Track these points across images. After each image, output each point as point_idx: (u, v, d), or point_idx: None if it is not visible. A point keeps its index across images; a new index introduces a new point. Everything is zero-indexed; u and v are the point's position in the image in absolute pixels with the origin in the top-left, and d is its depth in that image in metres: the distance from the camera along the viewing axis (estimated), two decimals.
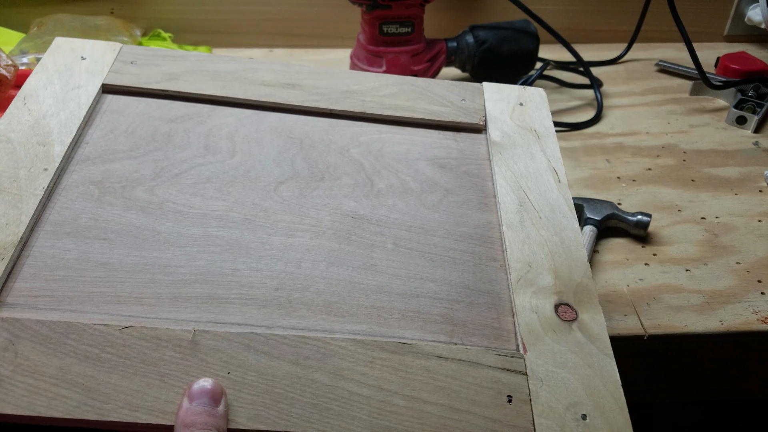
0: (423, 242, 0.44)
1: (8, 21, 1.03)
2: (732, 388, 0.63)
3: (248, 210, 0.43)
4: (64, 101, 0.47)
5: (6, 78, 0.83)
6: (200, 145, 0.47)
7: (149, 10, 1.04)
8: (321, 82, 0.52)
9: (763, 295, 0.60)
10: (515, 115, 0.52)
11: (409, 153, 0.49)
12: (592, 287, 0.41)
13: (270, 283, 0.40)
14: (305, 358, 0.36)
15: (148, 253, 0.40)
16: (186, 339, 0.35)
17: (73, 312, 0.36)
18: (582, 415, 0.35)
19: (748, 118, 0.87)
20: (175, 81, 0.50)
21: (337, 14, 1.05)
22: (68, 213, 0.41)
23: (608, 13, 1.08)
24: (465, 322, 0.39)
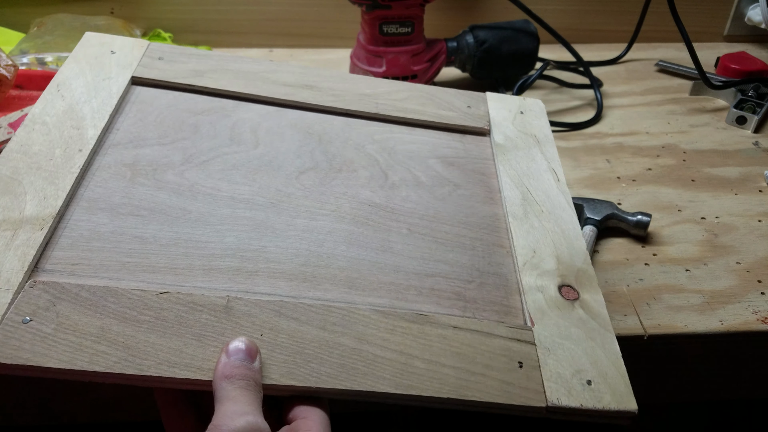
0: (435, 229, 0.47)
1: (8, 21, 1.03)
2: (732, 388, 0.63)
3: (273, 195, 0.46)
4: (96, 90, 0.49)
5: (6, 78, 0.83)
6: (225, 136, 0.50)
7: (149, 10, 1.04)
8: (338, 85, 0.56)
9: (763, 295, 0.60)
10: (516, 122, 0.56)
11: (419, 151, 0.53)
12: (591, 272, 0.45)
13: (295, 260, 0.42)
14: (332, 324, 0.38)
15: (180, 229, 0.42)
16: (220, 304, 0.38)
17: (110, 279, 0.38)
18: (587, 381, 0.38)
19: (748, 118, 0.87)
20: (200, 77, 0.53)
21: (337, 14, 1.05)
22: (102, 191, 0.43)
23: (608, 13, 1.08)
24: (476, 299, 0.43)
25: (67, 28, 0.97)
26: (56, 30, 0.97)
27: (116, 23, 1.00)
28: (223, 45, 1.07)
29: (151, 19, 1.04)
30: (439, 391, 0.36)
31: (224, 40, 1.06)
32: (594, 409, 0.37)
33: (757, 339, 0.58)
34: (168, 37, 1.04)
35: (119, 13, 1.04)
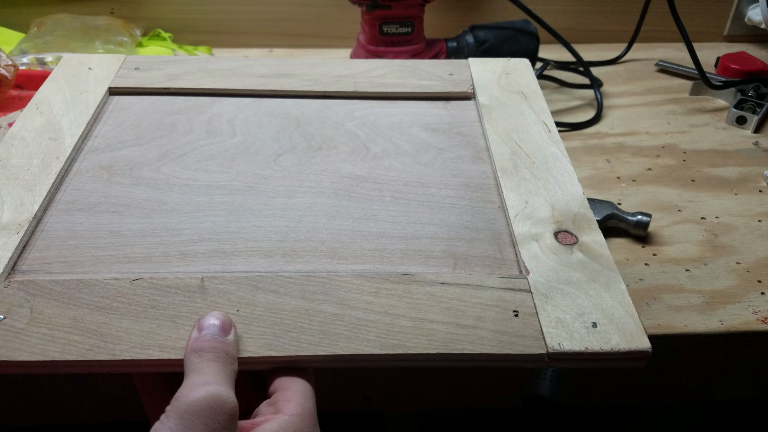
0: (420, 193, 0.46)
1: (8, 21, 1.03)
2: (732, 388, 0.63)
3: (250, 179, 0.46)
4: (73, 104, 0.51)
5: (6, 78, 0.83)
6: (202, 130, 0.50)
7: (149, 10, 1.04)
8: (314, 71, 0.55)
9: (763, 295, 0.60)
10: (502, 82, 0.54)
11: (402, 122, 0.52)
12: (590, 215, 0.43)
13: (274, 237, 0.42)
14: (312, 293, 0.38)
15: (156, 220, 0.43)
16: (194, 285, 0.37)
17: (86, 273, 0.39)
18: (592, 323, 0.36)
19: (748, 118, 0.87)
20: (176, 80, 0.54)
21: (337, 14, 1.05)
22: (79, 193, 0.44)
23: (608, 13, 1.08)
24: (467, 255, 0.41)
25: (67, 28, 0.97)
26: (56, 30, 0.97)
27: (116, 23, 1.00)
28: (223, 45, 1.07)
29: (151, 19, 1.05)
30: (427, 347, 0.35)
31: (224, 40, 1.06)
32: (601, 351, 0.35)
33: (757, 339, 0.58)
34: (168, 37, 1.04)
35: (119, 13, 1.04)
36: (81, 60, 0.55)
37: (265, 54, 1.06)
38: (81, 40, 0.96)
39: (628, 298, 0.38)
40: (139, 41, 1.02)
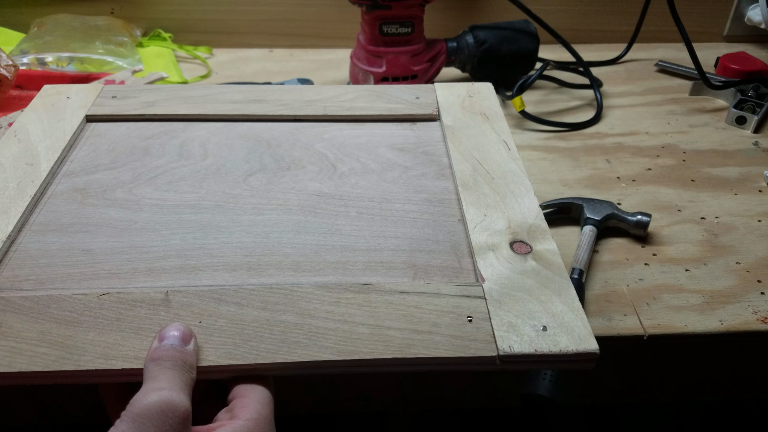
0: (384, 208, 0.47)
1: (8, 21, 1.03)
2: (732, 388, 0.63)
3: (219, 198, 0.48)
4: (50, 131, 0.53)
5: (6, 78, 0.83)
6: (174, 153, 0.52)
7: (149, 10, 1.04)
8: (285, 96, 0.57)
9: (762, 295, 0.60)
10: (465, 104, 0.57)
11: (369, 142, 0.53)
12: (545, 226, 0.45)
13: (240, 252, 0.43)
14: (273, 304, 0.39)
15: (126, 239, 0.44)
16: (159, 298, 0.39)
17: (55, 289, 0.40)
18: (542, 327, 0.38)
19: (747, 118, 0.87)
20: (151, 107, 0.55)
21: (337, 14, 1.05)
22: (53, 215, 0.46)
23: (608, 14, 1.08)
24: (427, 266, 0.42)
25: (68, 29, 0.97)
26: (56, 30, 0.97)
27: (116, 23, 1.00)
28: (223, 45, 1.07)
29: (151, 19, 1.05)
30: (383, 352, 0.36)
31: (224, 41, 1.07)
32: (550, 353, 0.36)
33: (757, 339, 0.58)
34: (168, 38, 1.04)
35: (119, 14, 1.04)
36: (59, 90, 0.57)
37: (265, 54, 1.06)
38: (81, 40, 0.96)
39: (578, 302, 0.39)
40: (139, 41, 1.02)
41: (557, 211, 0.69)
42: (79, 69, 0.93)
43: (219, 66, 1.01)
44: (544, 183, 0.75)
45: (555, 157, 0.80)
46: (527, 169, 0.77)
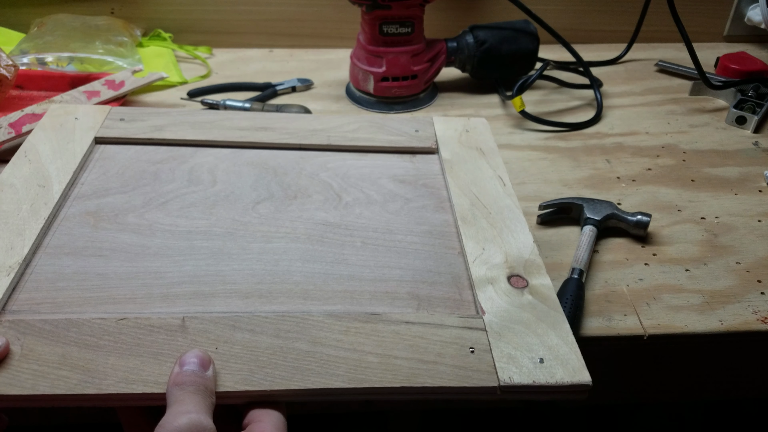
0: (388, 239, 0.49)
1: (8, 21, 1.03)
2: (732, 388, 0.63)
3: (229, 225, 0.49)
4: (60, 152, 0.53)
5: (6, 78, 0.83)
6: (184, 179, 0.53)
7: (149, 10, 1.04)
8: (290, 124, 0.59)
9: (762, 295, 0.60)
10: (462, 139, 0.59)
11: (372, 173, 0.55)
12: (539, 261, 0.47)
13: (251, 279, 0.44)
14: (286, 332, 0.40)
15: (140, 264, 0.45)
16: (176, 324, 0.40)
17: (73, 313, 0.41)
18: (539, 359, 0.40)
19: (747, 118, 0.87)
20: (160, 131, 0.56)
21: (337, 14, 1.05)
22: (67, 238, 0.46)
23: (608, 14, 1.08)
24: (430, 297, 0.44)
25: (68, 29, 0.97)
26: (56, 30, 0.97)
27: (116, 23, 1.00)
28: (223, 45, 1.07)
29: (151, 19, 1.05)
30: (392, 381, 0.38)
31: (224, 41, 1.07)
32: (547, 384, 0.38)
33: (757, 339, 0.58)
34: (168, 37, 1.04)
35: (119, 14, 1.04)
36: (67, 110, 0.58)
37: (265, 54, 1.06)
38: (81, 40, 0.96)
39: (572, 336, 0.41)
40: (139, 41, 1.02)
41: (557, 211, 0.69)
42: (79, 69, 0.93)
43: (219, 66, 1.02)
44: (544, 183, 0.75)
45: (555, 157, 0.80)
46: (527, 169, 0.78)
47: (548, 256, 0.64)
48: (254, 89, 0.94)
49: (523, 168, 0.78)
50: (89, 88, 0.84)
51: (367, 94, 0.91)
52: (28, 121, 0.78)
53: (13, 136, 0.77)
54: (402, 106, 0.91)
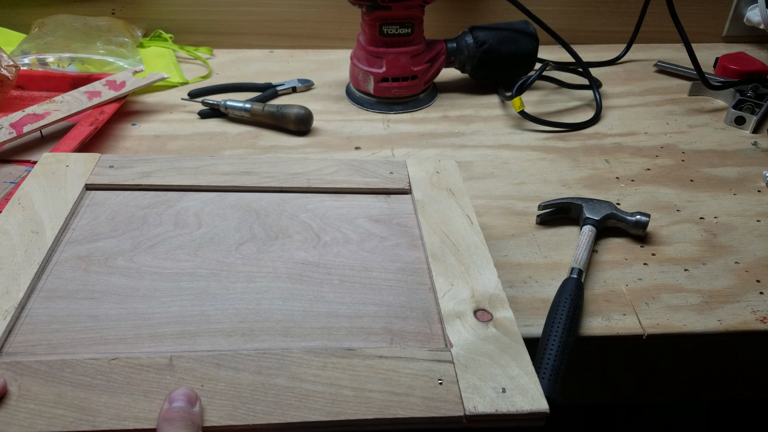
0: (364, 276, 0.52)
1: (9, 21, 1.04)
2: (731, 388, 0.63)
3: (213, 266, 0.51)
4: (53, 199, 0.56)
5: (7, 78, 0.84)
6: (171, 223, 0.55)
7: (150, 11, 1.04)
8: (272, 168, 0.62)
9: (761, 294, 0.60)
10: (433, 180, 0.63)
11: (349, 213, 0.58)
12: (503, 296, 0.50)
13: (234, 318, 0.47)
14: (267, 368, 0.43)
15: (129, 305, 0.47)
16: (164, 363, 0.42)
17: (67, 354, 0.43)
18: (502, 389, 0.42)
19: (746, 118, 0.87)
20: (147, 177, 0.59)
21: (338, 15, 1.05)
22: (59, 282, 0.49)
23: (607, 14, 1.09)
24: (402, 332, 0.47)
25: (69, 29, 0.97)
26: (57, 31, 0.97)
27: (117, 24, 1.01)
28: (223, 46, 1.07)
29: (152, 20, 1.05)
30: (366, 413, 0.40)
31: (225, 41, 1.07)
32: (508, 412, 0.41)
33: (756, 338, 0.58)
34: (169, 38, 1.05)
35: (120, 14, 1.04)
36: (59, 158, 0.61)
37: (265, 55, 1.06)
38: (82, 40, 0.96)
39: (531, 366, 0.44)
40: (140, 42, 1.03)
41: (556, 211, 0.69)
42: (81, 69, 0.94)
43: (219, 66, 1.02)
44: (543, 183, 0.76)
45: (554, 157, 0.81)
46: (526, 169, 0.78)
47: (547, 256, 0.64)
48: (255, 90, 0.95)
49: (522, 168, 0.78)
50: (90, 88, 0.84)
51: (367, 94, 0.91)
52: (30, 121, 0.79)
53: (14, 137, 0.77)
54: (402, 107, 0.91)
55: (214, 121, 0.88)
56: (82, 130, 0.77)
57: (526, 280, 0.61)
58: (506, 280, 0.62)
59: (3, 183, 0.73)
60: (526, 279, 0.62)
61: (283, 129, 0.86)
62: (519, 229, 0.68)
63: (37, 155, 0.77)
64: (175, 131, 0.85)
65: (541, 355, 0.53)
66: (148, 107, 0.90)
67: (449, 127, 0.87)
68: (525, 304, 0.59)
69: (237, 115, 0.87)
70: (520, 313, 0.58)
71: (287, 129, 0.85)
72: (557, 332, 0.53)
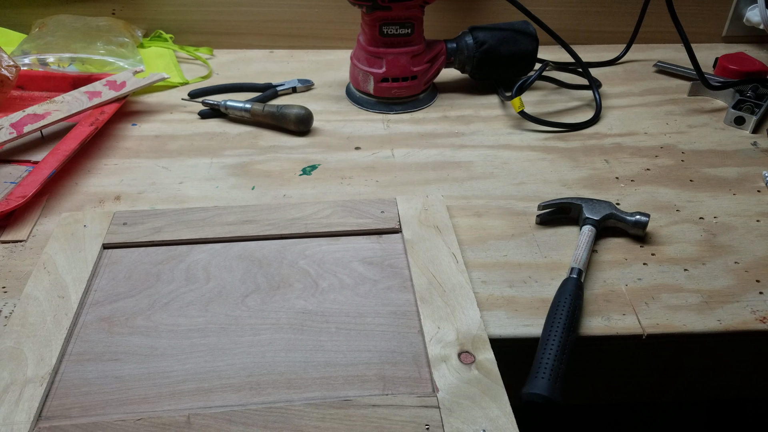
0: (359, 323, 0.56)
1: (10, 22, 1.04)
2: (731, 388, 0.63)
3: (222, 320, 0.56)
4: (74, 261, 0.61)
5: (8, 79, 0.84)
6: (182, 278, 0.60)
7: (150, 11, 1.04)
8: (271, 215, 0.67)
9: (761, 294, 0.61)
10: (422, 218, 0.67)
11: (344, 257, 0.63)
12: (484, 336, 0.54)
13: (242, 373, 0.52)
14: (273, 422, 0.48)
15: (150, 365, 0.52)
16: (182, 421, 0.48)
17: (97, 415, 0.48)
18: (483, 430, 0.47)
19: (746, 118, 0.87)
20: (158, 233, 0.65)
21: (338, 15, 1.05)
22: (87, 345, 0.54)
23: (607, 15, 1.09)
24: (393, 377, 0.51)
25: (69, 29, 0.98)
26: (57, 31, 0.97)
27: (117, 24, 1.01)
28: (223, 46, 1.07)
29: (152, 20, 1.05)
30: None
31: (225, 41, 1.07)
32: None
33: (756, 338, 0.58)
34: (169, 38, 1.05)
35: (120, 14, 1.04)
36: (76, 218, 0.66)
37: (265, 55, 1.06)
38: (82, 41, 0.96)
39: (509, 407, 0.48)
40: (140, 42, 1.03)
41: (556, 211, 0.69)
42: (81, 70, 0.94)
43: (220, 67, 1.02)
44: (543, 183, 0.76)
45: (554, 157, 0.81)
46: (526, 170, 0.78)
47: (547, 256, 0.65)
48: (255, 90, 0.95)
49: (522, 168, 0.78)
50: (91, 88, 0.84)
51: (367, 94, 0.91)
52: (30, 121, 0.79)
53: (15, 137, 0.77)
54: (402, 107, 0.91)
55: (214, 121, 0.88)
56: (82, 130, 0.77)
57: (526, 280, 0.62)
58: (506, 280, 0.62)
59: (3, 183, 0.73)
60: (526, 279, 0.62)
61: (283, 129, 0.86)
62: (519, 229, 0.68)
63: (38, 155, 0.77)
64: (176, 131, 0.85)
65: (540, 354, 0.53)
66: (149, 107, 0.90)
67: (449, 127, 0.87)
68: (524, 304, 0.59)
69: (237, 116, 0.87)
70: (519, 313, 0.58)
71: (287, 129, 0.86)
72: (557, 332, 0.54)
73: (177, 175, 0.77)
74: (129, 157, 0.80)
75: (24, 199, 0.67)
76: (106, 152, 0.80)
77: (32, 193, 0.68)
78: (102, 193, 0.73)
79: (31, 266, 0.63)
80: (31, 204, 0.70)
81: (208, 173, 0.77)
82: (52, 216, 0.69)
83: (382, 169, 0.79)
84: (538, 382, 0.51)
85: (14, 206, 0.66)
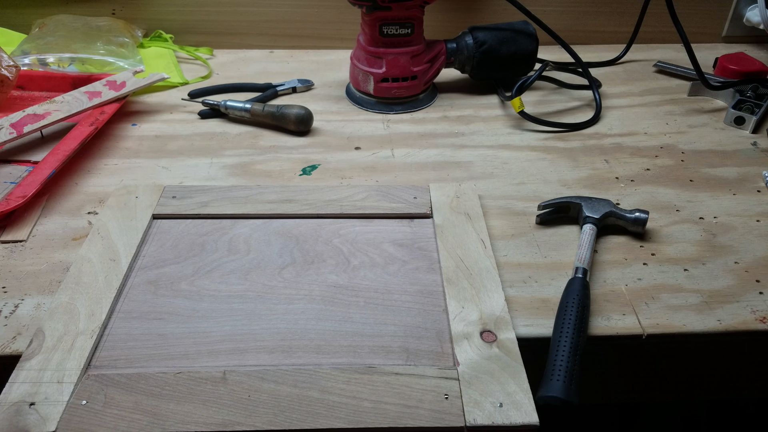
0: (387, 299, 0.58)
1: (10, 22, 1.04)
2: (731, 388, 0.63)
3: (259, 289, 0.59)
4: (126, 229, 0.65)
5: (8, 78, 0.84)
6: (225, 249, 0.64)
7: (150, 11, 1.04)
8: (310, 196, 0.70)
9: (761, 294, 0.61)
10: (453, 205, 0.69)
11: (375, 238, 0.65)
12: (507, 318, 0.55)
13: (276, 336, 0.54)
14: (302, 382, 0.50)
15: (191, 325, 0.55)
16: (218, 377, 0.50)
17: (141, 368, 0.52)
18: (500, 404, 0.48)
19: (746, 118, 0.87)
20: (205, 207, 0.68)
21: (338, 15, 1.05)
22: (134, 304, 0.57)
23: (607, 15, 1.09)
24: (417, 350, 0.53)
25: (69, 29, 0.98)
26: (58, 31, 0.97)
27: (117, 24, 1.01)
28: (223, 46, 1.07)
29: (152, 20, 1.05)
30: (382, 422, 0.47)
31: (225, 41, 1.07)
32: (503, 425, 0.47)
33: (756, 338, 0.58)
34: (169, 38, 1.05)
35: (120, 14, 1.04)
36: (129, 190, 0.70)
37: (265, 55, 1.06)
38: (82, 41, 0.96)
39: (527, 384, 0.49)
40: (140, 42, 1.03)
41: (556, 210, 0.69)
42: (81, 70, 0.94)
43: (220, 67, 1.02)
44: (543, 183, 0.76)
45: (554, 157, 0.81)
46: (526, 170, 0.78)
47: (547, 256, 0.65)
48: (255, 90, 0.95)
49: (522, 168, 0.78)
50: (91, 88, 0.84)
51: (367, 94, 0.91)
52: (30, 121, 0.79)
53: (15, 137, 0.77)
54: (402, 107, 0.91)
55: (214, 121, 0.88)
56: (82, 130, 0.77)
57: (526, 280, 0.62)
58: (506, 280, 0.62)
59: (3, 183, 0.73)
60: (526, 279, 0.62)
61: (283, 129, 0.86)
62: (519, 229, 0.68)
63: (38, 155, 0.77)
64: (176, 131, 0.85)
65: (553, 356, 0.52)
66: (149, 107, 0.90)
67: (449, 127, 0.87)
68: (525, 304, 0.59)
69: (237, 116, 0.87)
70: (519, 313, 0.58)
71: (287, 129, 0.86)
72: (568, 333, 0.53)
73: (177, 175, 0.77)
74: (129, 157, 0.80)
75: (24, 199, 0.67)
76: (106, 152, 0.80)
77: (32, 193, 0.68)
78: (102, 193, 0.73)
79: (31, 266, 0.63)
80: (31, 204, 0.70)
81: (208, 173, 0.77)
82: (52, 216, 0.69)
83: (382, 169, 0.79)
84: (553, 385, 0.50)
85: (14, 206, 0.66)
